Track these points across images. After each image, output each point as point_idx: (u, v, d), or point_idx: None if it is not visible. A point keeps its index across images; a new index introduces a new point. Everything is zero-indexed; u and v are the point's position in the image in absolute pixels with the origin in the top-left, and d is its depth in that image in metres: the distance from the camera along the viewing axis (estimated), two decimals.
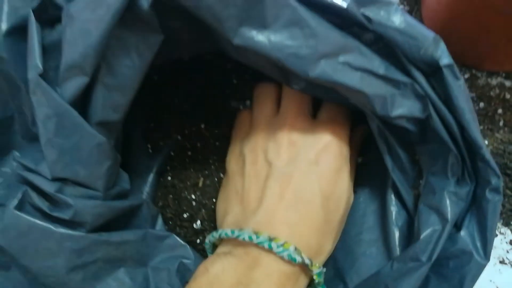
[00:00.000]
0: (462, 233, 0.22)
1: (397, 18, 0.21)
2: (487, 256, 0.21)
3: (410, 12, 0.37)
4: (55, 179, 0.20)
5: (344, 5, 0.20)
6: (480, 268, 0.21)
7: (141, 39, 0.21)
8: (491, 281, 0.28)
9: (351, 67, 0.21)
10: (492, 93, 0.34)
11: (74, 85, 0.20)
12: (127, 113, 0.23)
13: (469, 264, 0.21)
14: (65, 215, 0.19)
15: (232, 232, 0.19)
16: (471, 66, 0.34)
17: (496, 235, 0.30)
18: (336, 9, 0.20)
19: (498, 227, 0.30)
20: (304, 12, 0.20)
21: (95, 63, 0.20)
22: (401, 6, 0.37)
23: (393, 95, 0.22)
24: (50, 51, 0.21)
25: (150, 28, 0.21)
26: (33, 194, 0.20)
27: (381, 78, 0.22)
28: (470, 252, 0.21)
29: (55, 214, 0.20)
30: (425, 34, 0.21)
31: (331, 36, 0.21)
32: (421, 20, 0.36)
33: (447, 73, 0.21)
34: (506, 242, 0.29)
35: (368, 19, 0.21)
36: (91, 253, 0.20)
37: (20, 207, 0.20)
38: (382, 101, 0.22)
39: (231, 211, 0.23)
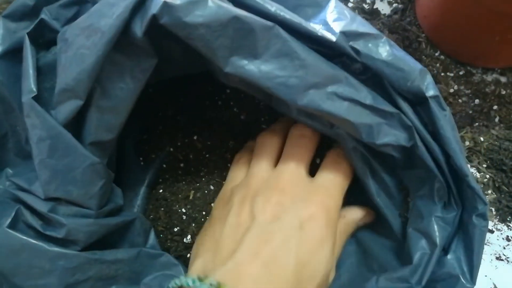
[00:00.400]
0: (449, 257, 0.23)
1: (385, 51, 0.21)
2: (473, 280, 0.22)
3: (404, 10, 0.37)
4: (48, 199, 0.20)
5: (333, 38, 0.21)
6: None
7: (135, 63, 0.21)
8: (486, 276, 0.28)
9: (338, 97, 0.22)
10: (487, 89, 0.34)
11: (68, 108, 0.20)
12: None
13: (456, 287, 0.22)
14: (58, 233, 0.20)
15: (193, 282, 0.18)
16: (466, 62, 0.35)
17: (493, 231, 0.30)
18: (326, 42, 0.21)
19: (495, 223, 0.30)
20: (294, 44, 0.21)
21: (89, 87, 0.20)
22: (395, 4, 0.37)
23: (379, 124, 0.23)
24: (45, 72, 0.22)
25: (144, 53, 0.21)
26: (26, 212, 0.21)
27: (368, 108, 0.22)
28: (457, 276, 0.22)
29: (48, 232, 0.20)
30: (412, 66, 0.22)
31: (320, 67, 0.21)
32: (415, 17, 0.36)
33: (433, 104, 0.22)
34: (503, 238, 0.30)
35: (357, 51, 0.21)
36: (84, 271, 0.20)
37: (13, 225, 0.21)
38: (368, 129, 0.23)
39: (202, 256, 0.23)
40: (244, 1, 0.21)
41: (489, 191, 0.31)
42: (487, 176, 0.31)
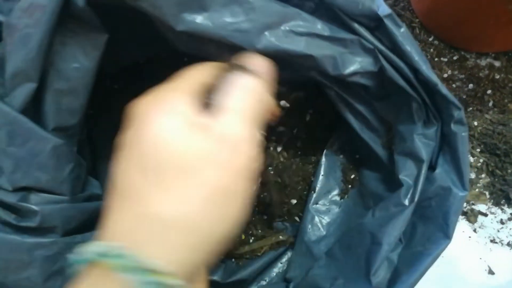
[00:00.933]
0: (438, 171, 0.22)
1: None
2: (465, 187, 0.21)
3: None
4: (16, 189, 0.19)
5: None
6: (461, 200, 0.21)
7: (85, 40, 0.21)
8: (481, 259, 0.28)
9: (295, 34, 0.22)
10: (481, 74, 0.34)
11: (22, 92, 0.20)
12: (95, 121, 0.23)
13: (449, 198, 0.21)
14: (32, 222, 0.19)
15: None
16: (460, 47, 0.34)
17: (487, 215, 0.30)
18: None
19: (489, 207, 0.30)
20: None
21: (40, 66, 0.20)
22: None
23: (342, 53, 0.23)
24: None
25: (92, 28, 0.21)
26: None
27: (327, 39, 0.22)
28: (449, 187, 0.21)
29: (23, 224, 0.19)
30: None
31: (271, 7, 0.21)
32: (408, 2, 0.36)
33: (388, 22, 0.22)
34: (497, 222, 0.30)
35: None
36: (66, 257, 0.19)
37: None
38: (333, 61, 0.22)
39: None
40: None
41: (483, 175, 0.31)
42: (481, 160, 0.31)
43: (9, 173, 0.19)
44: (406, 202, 0.22)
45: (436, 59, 0.34)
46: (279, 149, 0.31)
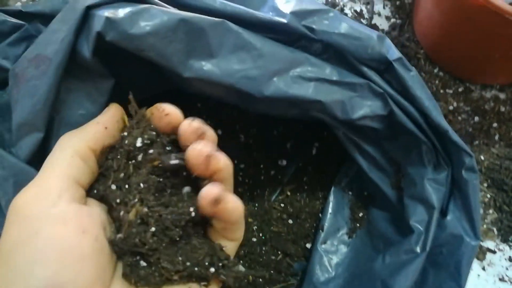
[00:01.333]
0: (449, 218, 0.22)
1: (338, 24, 0.21)
2: (477, 236, 0.21)
3: (402, 25, 0.36)
4: None
5: (285, 20, 0.21)
6: (473, 249, 0.21)
7: (92, 86, 0.21)
8: None
9: (304, 79, 0.21)
10: (486, 107, 0.33)
11: (28, 142, 0.19)
12: None
13: (461, 247, 0.21)
14: None
15: None
16: (465, 79, 0.34)
17: (495, 252, 0.29)
18: (278, 26, 0.21)
19: (497, 244, 0.29)
20: (247, 35, 0.21)
21: (46, 117, 0.19)
22: (393, 20, 0.37)
23: (351, 98, 0.22)
24: (3, 114, 0.21)
25: (99, 75, 0.21)
26: None
27: (336, 83, 0.22)
28: (460, 236, 0.21)
29: None
30: (369, 34, 0.22)
31: (279, 53, 0.21)
32: (413, 33, 0.36)
33: (398, 66, 0.22)
34: (505, 259, 0.29)
35: (311, 29, 0.21)
36: None
37: None
38: (341, 106, 0.22)
39: None
40: (189, 2, 0.21)
41: (490, 211, 0.30)
42: (488, 195, 0.30)
43: None
44: (418, 249, 0.22)
45: (441, 91, 0.34)
46: (284, 183, 0.31)
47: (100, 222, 0.17)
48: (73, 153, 0.17)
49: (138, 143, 0.17)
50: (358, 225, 0.28)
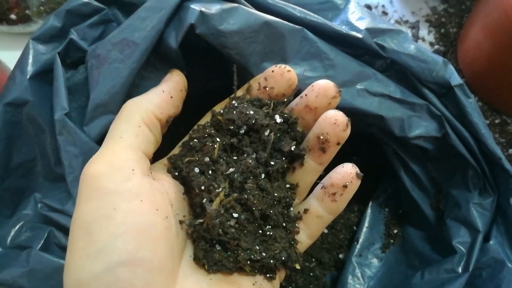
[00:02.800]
0: (492, 242, 0.23)
1: (408, 45, 0.22)
2: None
3: (445, 53, 0.37)
4: None
5: (360, 35, 0.22)
6: None
7: (164, 76, 0.21)
8: None
9: (369, 93, 0.22)
10: None
11: (101, 123, 0.20)
12: None
13: (502, 272, 0.21)
14: None
15: None
16: (502, 112, 0.35)
17: None
18: (352, 40, 0.22)
19: None
20: (322, 45, 0.21)
21: (121, 100, 0.20)
22: (437, 46, 0.38)
23: (410, 117, 0.23)
24: (73, 92, 0.22)
25: (174, 66, 0.21)
26: (59, 234, 0.20)
27: (398, 101, 0.23)
28: (502, 260, 0.21)
29: None
30: (435, 58, 0.23)
31: (349, 65, 0.22)
32: (456, 61, 0.37)
33: (458, 92, 0.23)
34: None
35: (382, 47, 0.22)
36: None
37: (45, 247, 0.20)
38: (400, 123, 0.23)
39: None
40: (271, 7, 0.21)
41: None
42: None
43: None
44: (460, 270, 0.22)
45: None
46: None
47: (168, 199, 0.17)
48: (140, 122, 0.17)
49: (240, 122, 0.17)
50: (392, 241, 0.28)
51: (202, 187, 0.16)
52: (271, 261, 0.16)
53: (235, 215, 0.16)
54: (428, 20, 0.38)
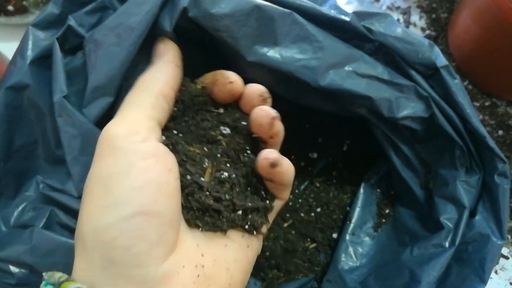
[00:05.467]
0: (477, 218, 0.23)
1: (395, 28, 0.23)
2: (503, 236, 0.22)
3: (436, 37, 0.38)
4: (81, 196, 0.20)
5: (347, 18, 0.22)
6: (499, 248, 0.22)
7: None
8: None
9: (357, 75, 0.23)
10: (510, 122, 0.35)
11: (99, 105, 0.21)
12: None
13: (487, 245, 0.22)
14: None
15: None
16: (492, 94, 0.36)
17: (508, 258, 0.31)
18: (340, 23, 0.22)
19: (510, 250, 0.31)
20: (311, 28, 0.22)
21: (119, 83, 0.21)
22: (428, 31, 0.39)
23: (398, 98, 0.24)
24: (72, 77, 0.22)
25: None
26: (60, 213, 0.21)
27: (386, 83, 0.23)
28: (487, 235, 0.22)
29: None
30: (421, 40, 0.23)
31: (338, 47, 0.23)
32: (446, 46, 0.37)
33: (444, 73, 0.23)
34: None
35: (369, 30, 0.23)
36: None
37: (47, 226, 0.20)
38: (388, 104, 0.24)
39: None
40: None
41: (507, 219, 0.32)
42: None
43: (77, 180, 0.20)
44: (447, 244, 0.23)
45: None
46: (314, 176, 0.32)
47: (176, 164, 0.18)
48: (158, 94, 0.18)
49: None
50: (384, 220, 0.29)
51: (191, 164, 0.18)
52: (257, 218, 0.18)
53: (226, 188, 0.17)
54: (419, 6, 0.39)
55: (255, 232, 0.19)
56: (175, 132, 0.19)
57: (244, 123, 0.20)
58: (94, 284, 0.15)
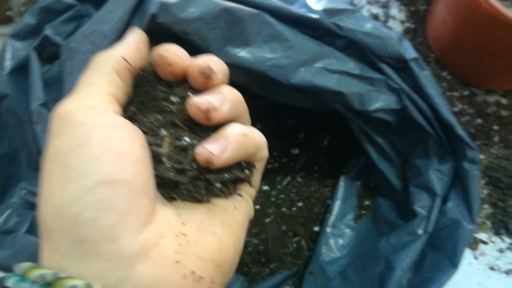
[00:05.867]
0: (449, 204, 0.24)
1: (364, 23, 0.24)
2: (473, 221, 0.23)
3: (415, 30, 0.39)
4: None
5: (317, 16, 0.23)
6: (470, 232, 0.23)
7: None
8: (480, 284, 0.30)
9: (328, 71, 0.24)
10: (489, 110, 0.36)
11: None
12: None
13: (459, 230, 0.23)
14: None
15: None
16: (470, 84, 0.37)
17: (487, 243, 0.31)
18: (309, 21, 0.23)
19: (489, 236, 0.32)
20: (281, 27, 0.23)
21: None
22: (407, 24, 0.39)
23: (369, 91, 0.24)
24: (50, 85, 0.23)
25: None
26: None
27: (357, 77, 0.24)
28: (459, 220, 0.23)
29: None
30: (390, 34, 0.24)
31: (307, 45, 0.23)
32: (425, 38, 0.38)
33: (413, 65, 0.24)
34: (496, 250, 0.31)
35: (339, 26, 0.23)
36: None
37: (30, 231, 0.21)
38: (359, 98, 0.24)
39: None
40: None
41: (486, 206, 0.32)
42: (485, 191, 0.33)
43: None
44: (420, 231, 0.24)
45: (448, 93, 0.36)
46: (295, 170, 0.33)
47: (140, 133, 0.16)
48: (111, 70, 0.17)
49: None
50: (364, 212, 0.30)
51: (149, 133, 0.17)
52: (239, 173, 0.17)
53: (189, 156, 0.16)
54: None
55: (240, 196, 0.18)
56: (132, 108, 0.18)
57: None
58: (62, 268, 0.14)
